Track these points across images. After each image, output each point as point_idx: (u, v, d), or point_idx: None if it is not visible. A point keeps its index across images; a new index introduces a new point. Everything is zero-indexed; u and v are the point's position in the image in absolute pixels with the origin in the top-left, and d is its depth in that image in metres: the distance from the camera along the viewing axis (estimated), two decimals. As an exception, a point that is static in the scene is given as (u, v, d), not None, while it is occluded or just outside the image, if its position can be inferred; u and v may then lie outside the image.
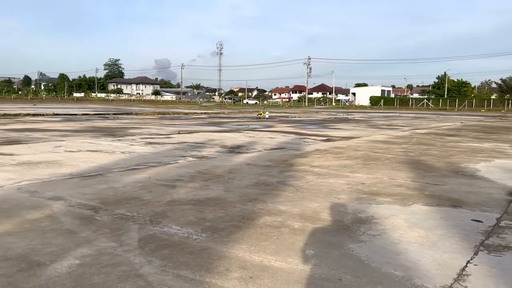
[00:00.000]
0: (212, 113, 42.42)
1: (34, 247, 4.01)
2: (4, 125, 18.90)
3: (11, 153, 9.98)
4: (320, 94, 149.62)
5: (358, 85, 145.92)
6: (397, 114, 49.70)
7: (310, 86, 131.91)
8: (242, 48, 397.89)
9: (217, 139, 14.97)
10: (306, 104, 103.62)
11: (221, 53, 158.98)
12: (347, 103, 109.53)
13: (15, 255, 3.81)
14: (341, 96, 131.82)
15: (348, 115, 45.27)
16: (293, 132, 18.95)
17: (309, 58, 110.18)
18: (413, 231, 4.83)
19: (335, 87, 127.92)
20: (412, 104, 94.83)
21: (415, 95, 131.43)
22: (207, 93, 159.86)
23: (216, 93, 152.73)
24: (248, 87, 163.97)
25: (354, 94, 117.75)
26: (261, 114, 25.85)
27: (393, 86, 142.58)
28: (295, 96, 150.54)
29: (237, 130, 19.61)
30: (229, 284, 3.32)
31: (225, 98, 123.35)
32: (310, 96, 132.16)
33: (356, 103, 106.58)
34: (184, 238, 4.38)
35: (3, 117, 25.21)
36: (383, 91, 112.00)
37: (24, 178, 7.15)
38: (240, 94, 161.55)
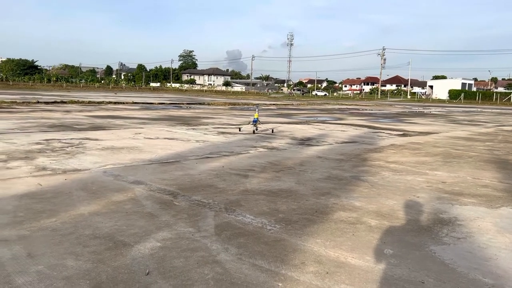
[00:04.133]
0: (280, 104, 42.46)
1: (119, 228, 4.27)
2: (90, 112, 20.40)
3: (96, 138, 10.73)
4: (393, 87, 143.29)
5: (436, 78, 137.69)
6: (479, 109, 46.19)
7: (384, 77, 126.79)
8: (313, 39, 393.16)
9: (287, 130, 14.93)
10: (379, 97, 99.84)
11: (291, 44, 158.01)
12: (423, 96, 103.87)
13: (103, 234, 4.08)
14: (416, 89, 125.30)
15: (424, 109, 42.91)
16: (366, 126, 18.35)
17: (384, 49, 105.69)
18: (503, 236, 4.45)
19: (410, 79, 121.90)
20: (496, 99, 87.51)
21: (500, 89, 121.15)
22: (276, 84, 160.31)
23: (285, 84, 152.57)
24: (317, 78, 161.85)
25: (431, 87, 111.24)
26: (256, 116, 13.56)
27: (475, 79, 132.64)
28: (366, 88, 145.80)
29: (306, 122, 19.42)
30: (305, 278, 3.28)
31: (294, 90, 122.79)
32: (383, 88, 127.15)
33: (433, 96, 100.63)
34: (258, 228, 4.41)
35: (88, 104, 27.22)
36: (463, 84, 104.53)
37: (108, 162, 7.65)
38: (309, 85, 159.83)
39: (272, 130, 14.28)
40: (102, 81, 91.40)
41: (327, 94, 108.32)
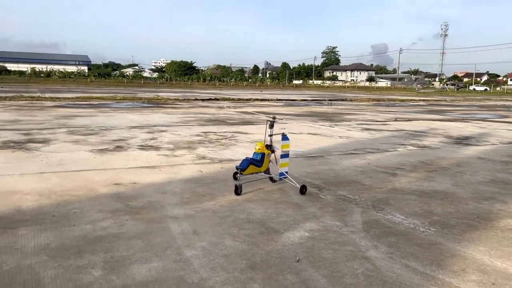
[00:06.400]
0: (431, 100, 39.18)
1: (270, 215, 4.51)
2: (239, 108, 21.92)
3: (246, 132, 11.48)
4: None
5: None
6: None
7: None
8: (471, 28, 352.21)
9: (440, 128, 13.73)
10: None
11: (445, 35, 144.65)
12: None
13: (256, 219, 4.36)
14: None
15: None
16: (538, 125, 15.73)
17: None
18: None
19: None
20: None
21: None
22: (426, 79, 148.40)
23: (437, 79, 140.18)
24: (476, 71, 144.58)
25: None
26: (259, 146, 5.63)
27: None
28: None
29: (462, 120, 17.56)
30: (466, 286, 2.99)
31: (447, 84, 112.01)
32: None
33: None
34: (410, 228, 4.17)
35: (238, 101, 29.28)
36: None
37: (257, 154, 8.11)
38: (465, 79, 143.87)
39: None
40: (249, 80, 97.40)
41: (488, 89, 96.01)
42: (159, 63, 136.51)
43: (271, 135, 5.74)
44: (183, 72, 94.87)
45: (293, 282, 3.02)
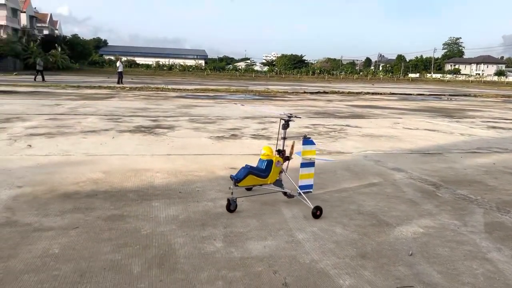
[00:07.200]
0: None
1: (381, 208, 4.45)
2: (349, 102, 21.50)
3: (356, 126, 11.28)
4: None
5: None
6: None
7: None
8: None
9: None
10: None
11: None
12: None
13: (366, 211, 4.34)
14: None
15: None
16: None
17: None
18: None
19: None
20: None
21: None
22: None
23: None
24: None
25: None
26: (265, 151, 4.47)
27: None
28: None
29: None
30: None
31: None
32: None
33: None
34: (542, 235, 3.78)
35: (347, 95, 28.68)
36: None
37: (368, 148, 7.96)
38: None
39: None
40: (361, 73, 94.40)
41: None
42: (270, 56, 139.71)
43: (284, 138, 4.62)
44: (292, 66, 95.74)
45: (405, 274, 2.98)
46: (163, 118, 11.41)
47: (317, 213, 4.04)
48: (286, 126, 4.57)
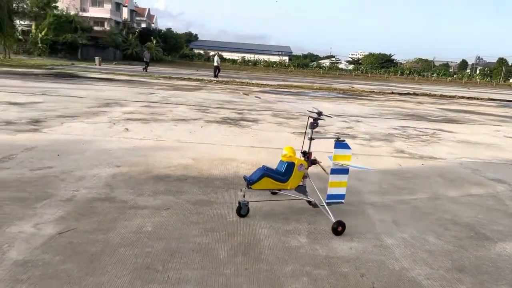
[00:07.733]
0: None
1: (480, 221, 4.07)
2: (441, 105, 20.12)
3: (450, 131, 10.50)
4: None
5: None
6: None
7: None
8: None
9: None
10: None
11: None
12: None
13: (463, 222, 4.00)
14: None
15: None
16: None
17: None
18: None
19: None
20: None
21: None
22: None
23: None
24: None
25: None
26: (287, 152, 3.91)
27: None
28: None
29: None
30: None
31: None
32: None
33: None
34: None
35: (439, 98, 26.88)
36: None
37: (463, 155, 7.37)
38: None
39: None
40: (454, 76, 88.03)
41: None
42: (356, 55, 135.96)
43: (311, 138, 3.99)
44: (379, 65, 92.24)
45: (510, 296, 2.69)
46: (247, 111, 11.61)
47: (338, 229, 3.47)
48: (314, 125, 3.94)
